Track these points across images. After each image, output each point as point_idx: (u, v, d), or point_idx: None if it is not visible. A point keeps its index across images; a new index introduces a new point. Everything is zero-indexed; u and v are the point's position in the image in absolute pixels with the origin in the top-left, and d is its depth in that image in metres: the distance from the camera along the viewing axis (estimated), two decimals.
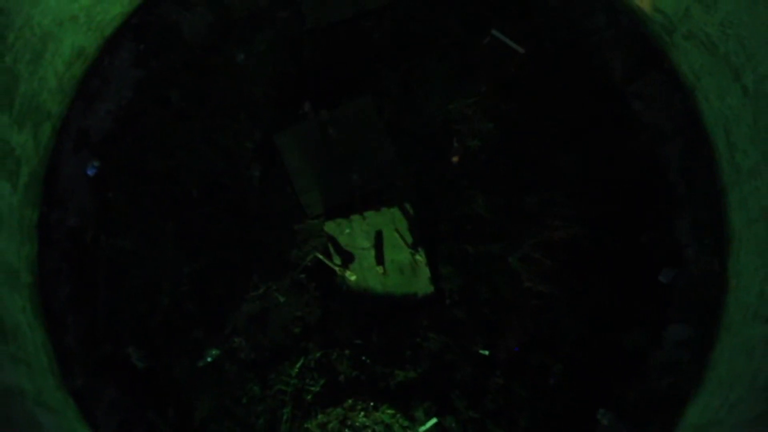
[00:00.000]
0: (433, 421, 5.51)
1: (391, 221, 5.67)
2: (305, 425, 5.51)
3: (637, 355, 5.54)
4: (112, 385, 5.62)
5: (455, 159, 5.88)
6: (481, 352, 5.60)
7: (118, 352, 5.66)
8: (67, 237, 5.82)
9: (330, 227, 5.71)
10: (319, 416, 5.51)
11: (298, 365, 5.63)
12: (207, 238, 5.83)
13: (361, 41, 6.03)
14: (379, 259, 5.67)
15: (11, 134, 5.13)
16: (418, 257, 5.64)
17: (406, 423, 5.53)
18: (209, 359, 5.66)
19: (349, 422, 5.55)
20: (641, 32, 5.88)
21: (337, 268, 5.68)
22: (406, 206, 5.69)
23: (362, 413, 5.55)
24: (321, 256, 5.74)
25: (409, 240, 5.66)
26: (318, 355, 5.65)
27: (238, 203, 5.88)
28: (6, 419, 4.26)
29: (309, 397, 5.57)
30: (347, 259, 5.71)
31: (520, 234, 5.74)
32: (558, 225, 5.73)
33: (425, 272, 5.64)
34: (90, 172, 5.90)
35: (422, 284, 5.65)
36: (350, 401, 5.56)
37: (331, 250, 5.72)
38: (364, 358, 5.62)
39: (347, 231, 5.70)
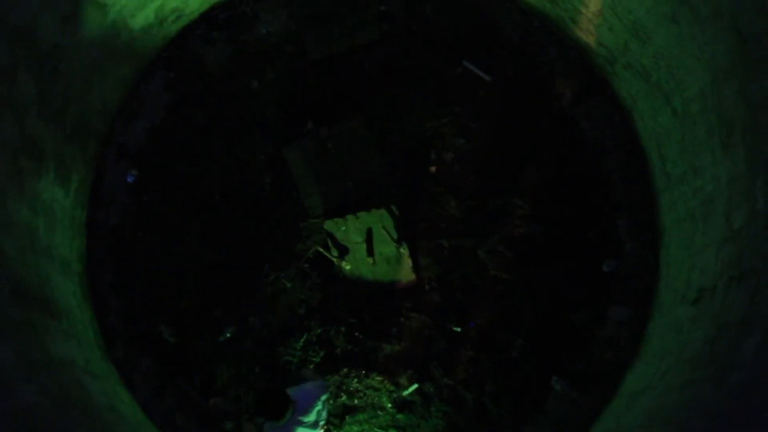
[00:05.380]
0: (415, 386, 5.59)
1: (380, 220, 5.72)
2: None
3: (585, 332, 5.60)
4: (148, 356, 5.68)
5: (432, 169, 5.94)
6: (455, 329, 5.67)
7: (153, 329, 5.72)
8: (110, 233, 5.87)
9: (329, 225, 5.76)
10: None
11: (302, 340, 5.67)
12: (227, 234, 5.88)
13: (354, 71, 6.09)
14: (370, 252, 5.71)
15: (64, 148, 5.20)
16: (402, 250, 5.70)
17: (392, 388, 5.60)
18: (228, 335, 5.70)
19: (344, 387, 5.62)
20: (587, 63, 5.94)
21: (334, 259, 5.74)
22: (392, 208, 5.75)
23: (355, 380, 5.61)
24: (321, 249, 5.80)
25: (395, 236, 5.72)
26: (319, 331, 5.69)
27: (252, 205, 5.93)
28: (60, 385, 4.36)
29: (311, 366, 5.62)
30: (343, 251, 5.76)
31: (487, 231, 5.79)
32: (518, 224, 5.79)
33: (408, 263, 5.69)
34: (129, 179, 5.94)
35: (405, 273, 5.71)
36: (345, 370, 5.61)
37: (330, 244, 5.77)
38: (357, 334, 5.68)
39: (343, 228, 5.75)
